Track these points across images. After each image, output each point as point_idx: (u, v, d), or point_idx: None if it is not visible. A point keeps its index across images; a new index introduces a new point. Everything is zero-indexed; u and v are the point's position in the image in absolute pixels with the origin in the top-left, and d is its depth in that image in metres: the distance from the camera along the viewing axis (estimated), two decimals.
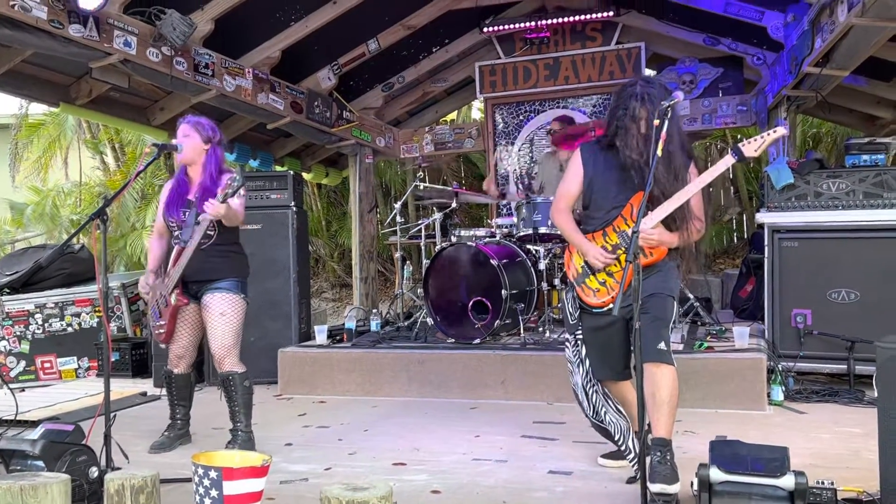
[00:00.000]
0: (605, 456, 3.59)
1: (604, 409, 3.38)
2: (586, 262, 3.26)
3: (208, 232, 3.83)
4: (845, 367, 4.96)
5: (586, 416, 3.46)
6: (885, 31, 4.58)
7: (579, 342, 3.38)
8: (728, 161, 2.93)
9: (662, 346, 3.04)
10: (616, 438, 3.39)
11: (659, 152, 2.85)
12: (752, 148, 2.85)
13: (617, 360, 3.33)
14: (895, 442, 2.43)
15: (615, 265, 3.17)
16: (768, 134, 2.83)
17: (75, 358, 7.08)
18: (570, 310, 3.38)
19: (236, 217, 3.84)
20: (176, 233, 3.94)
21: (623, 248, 3.12)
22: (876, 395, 2.73)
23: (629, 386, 3.37)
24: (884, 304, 4.91)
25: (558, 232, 5.58)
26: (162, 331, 4.00)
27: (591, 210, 3.32)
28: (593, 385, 3.38)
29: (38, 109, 13.05)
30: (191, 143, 3.91)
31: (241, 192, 3.72)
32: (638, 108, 3.08)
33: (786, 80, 6.00)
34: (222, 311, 3.90)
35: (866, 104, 7.08)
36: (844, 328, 4.96)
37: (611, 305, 3.05)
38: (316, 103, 7.04)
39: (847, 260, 5.02)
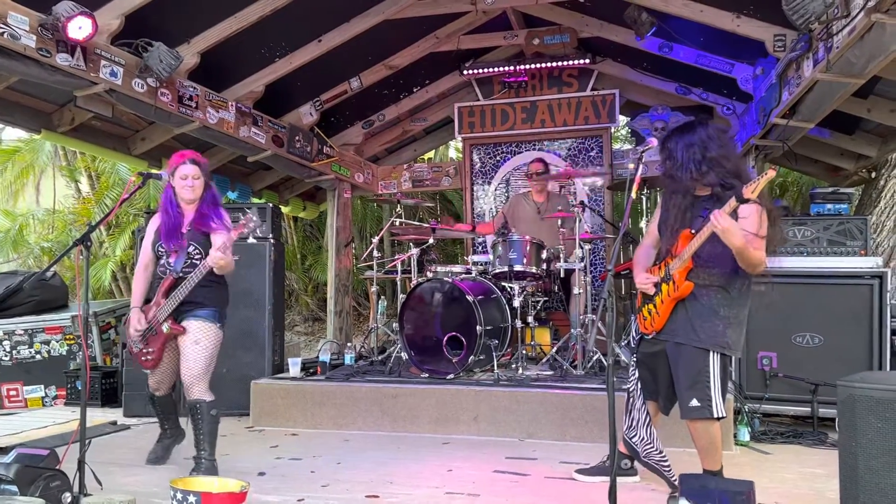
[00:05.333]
0: (580, 471, 3.95)
1: (645, 430, 3.67)
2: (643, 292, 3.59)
3: (194, 261, 4.00)
4: (809, 409, 5.09)
5: (623, 432, 3.76)
6: (847, 87, 4.78)
7: (634, 363, 3.72)
8: (733, 203, 3.12)
9: (694, 402, 3.32)
10: (652, 458, 3.65)
11: (633, 194, 2.98)
12: (749, 190, 3.04)
13: (659, 389, 3.61)
14: (855, 479, 2.52)
15: (658, 297, 3.46)
16: (761, 177, 3.02)
17: (42, 386, 6.99)
18: (634, 334, 3.75)
19: (230, 268, 4.03)
20: (163, 260, 4.07)
21: (665, 282, 3.41)
22: (838, 439, 2.83)
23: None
24: (846, 348, 5.06)
25: (533, 270, 5.73)
26: (150, 358, 4.08)
27: (661, 246, 3.60)
28: (643, 405, 3.68)
29: (11, 135, 13.01)
30: (201, 184, 4.10)
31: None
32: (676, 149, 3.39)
33: (754, 130, 6.22)
34: (196, 340, 4.00)
35: (831, 155, 7.32)
36: (808, 371, 5.09)
37: (654, 333, 3.49)
38: (297, 138, 7.13)
39: (811, 305, 5.16)
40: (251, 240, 3.90)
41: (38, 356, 7.03)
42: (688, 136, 3.36)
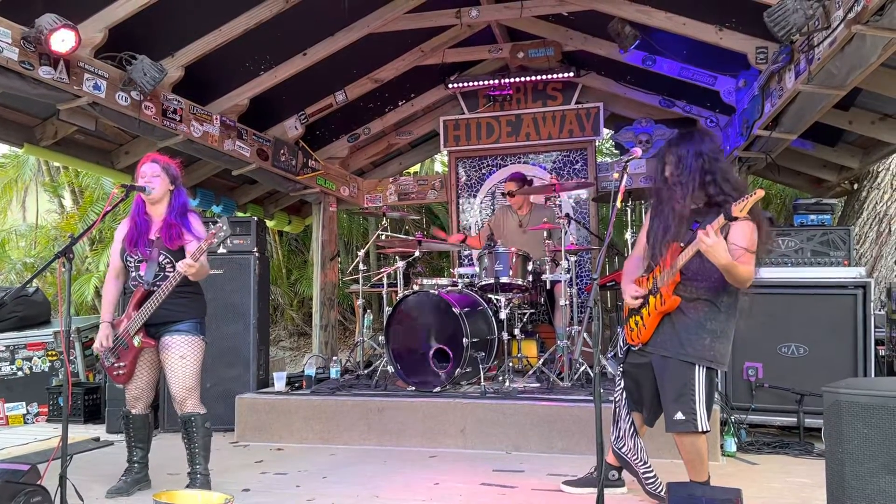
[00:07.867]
0: (567, 483, 3.93)
1: (632, 440, 3.66)
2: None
3: (166, 272, 3.88)
4: (795, 419, 5.10)
5: (612, 443, 3.75)
6: (829, 98, 4.83)
7: (620, 374, 3.71)
8: (721, 220, 3.12)
9: (679, 416, 3.33)
10: (639, 469, 3.65)
11: (618, 204, 2.99)
12: (738, 209, 3.05)
13: (644, 401, 3.61)
14: (842, 485, 2.52)
15: (645, 309, 3.46)
16: (749, 196, 3.04)
17: (24, 403, 6.91)
18: (621, 343, 3.74)
19: (204, 273, 3.91)
20: (134, 273, 3.97)
21: (652, 294, 3.42)
22: (824, 446, 2.84)
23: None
24: (831, 358, 5.08)
25: (519, 282, 5.72)
26: (122, 372, 3.97)
27: (649, 257, 3.58)
28: (628, 415, 3.67)
29: None
30: (161, 182, 3.98)
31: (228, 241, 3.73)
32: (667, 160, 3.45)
33: (737, 142, 6.26)
34: (182, 355, 3.93)
35: (813, 167, 7.38)
36: (794, 381, 5.10)
37: (640, 345, 3.50)
38: (282, 151, 7.12)
39: (796, 315, 5.19)
40: (221, 249, 3.72)
41: (19, 373, 6.95)
42: (698, 145, 3.37)
